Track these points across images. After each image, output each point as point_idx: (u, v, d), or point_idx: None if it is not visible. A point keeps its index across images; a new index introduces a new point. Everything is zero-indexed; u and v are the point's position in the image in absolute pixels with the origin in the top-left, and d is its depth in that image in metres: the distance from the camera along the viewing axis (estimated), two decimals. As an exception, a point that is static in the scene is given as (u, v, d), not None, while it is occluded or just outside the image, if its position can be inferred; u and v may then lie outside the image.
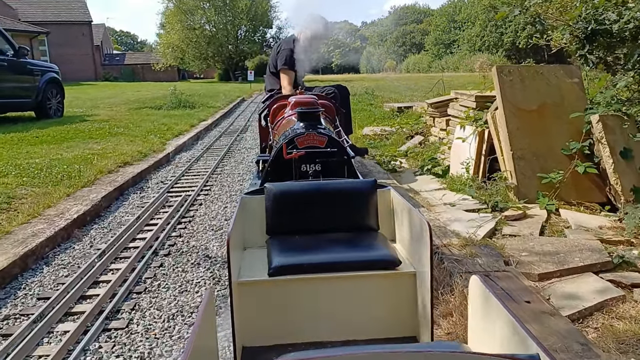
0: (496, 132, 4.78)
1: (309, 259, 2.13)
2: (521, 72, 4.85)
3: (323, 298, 2.10)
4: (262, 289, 2.08)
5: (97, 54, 43.24)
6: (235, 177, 6.99)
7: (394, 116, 9.81)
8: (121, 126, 10.81)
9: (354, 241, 2.30)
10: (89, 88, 28.95)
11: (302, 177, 3.15)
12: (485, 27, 51.78)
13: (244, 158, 8.45)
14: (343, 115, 4.94)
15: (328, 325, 2.09)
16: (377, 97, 15.79)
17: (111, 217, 5.20)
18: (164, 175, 7.16)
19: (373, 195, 2.43)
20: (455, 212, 4.37)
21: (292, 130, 3.34)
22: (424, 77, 38.92)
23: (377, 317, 2.12)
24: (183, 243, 4.45)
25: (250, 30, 42.65)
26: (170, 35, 39.29)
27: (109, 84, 36.12)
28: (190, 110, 14.94)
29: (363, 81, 33.68)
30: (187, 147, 9.58)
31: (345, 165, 3.27)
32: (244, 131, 11.88)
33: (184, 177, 6.98)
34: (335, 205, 2.41)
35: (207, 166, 7.73)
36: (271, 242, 2.31)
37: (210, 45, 39.93)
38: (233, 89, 27.24)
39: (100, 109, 15.44)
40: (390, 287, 2.12)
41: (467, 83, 21.42)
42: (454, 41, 58.32)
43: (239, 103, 19.22)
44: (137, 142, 8.76)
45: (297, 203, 2.43)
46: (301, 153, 3.12)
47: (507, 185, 4.57)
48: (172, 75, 42.07)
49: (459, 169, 5.27)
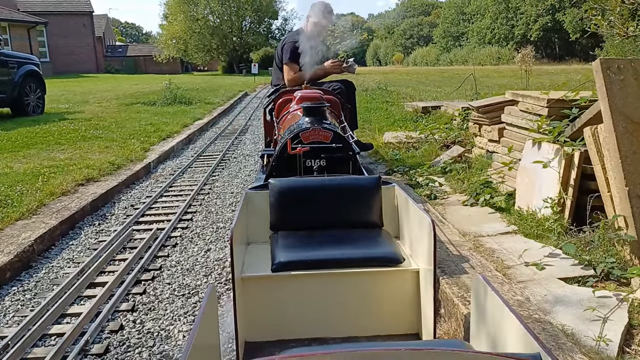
0: (599, 156, 3.22)
1: (313, 255, 2.09)
2: (637, 69, 3.27)
3: (326, 294, 2.05)
4: (266, 285, 2.05)
5: (99, 46, 41.70)
6: (226, 199, 5.43)
7: (419, 118, 8.21)
8: (102, 127, 9.26)
9: (357, 237, 2.27)
10: (87, 81, 27.37)
11: (306, 172, 3.08)
12: (495, 19, 49.82)
13: (241, 169, 6.89)
14: (348, 111, 4.79)
15: (331, 321, 2.06)
16: (392, 92, 14.15)
17: (45, 271, 3.65)
18: (137, 195, 5.61)
19: (377, 192, 2.40)
20: (550, 284, 2.81)
21: (297, 125, 3.25)
22: (433, 70, 37.15)
23: (379, 313, 2.08)
24: (134, 327, 2.89)
25: (255, 22, 40.88)
26: (172, 26, 37.60)
27: (109, 76, 34.52)
28: (185, 106, 13.36)
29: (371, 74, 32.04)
30: (174, 153, 8.02)
31: (350, 161, 3.16)
32: (244, 132, 10.30)
33: (161, 199, 5.42)
34: (339, 202, 2.38)
35: (193, 181, 6.17)
36: (275, 238, 2.28)
37: (214, 36, 38.22)
38: (236, 82, 25.62)
39: (89, 104, 13.89)
40: (393, 284, 2.08)
41: (496, 75, 19.42)
42: (462, 34, 56.39)
43: (240, 99, 17.61)
44: (112, 149, 7.20)
45: (301, 199, 2.38)
46: (305, 148, 3.01)
47: (620, 239, 3.01)
48: (175, 67, 40.47)
49: (533, 203, 3.71)
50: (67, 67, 36.54)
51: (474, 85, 9.03)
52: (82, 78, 30.96)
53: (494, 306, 1.37)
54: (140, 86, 21.59)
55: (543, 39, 48.23)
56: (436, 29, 61.15)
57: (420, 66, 53.45)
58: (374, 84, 16.01)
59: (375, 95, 13.56)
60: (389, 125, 8.60)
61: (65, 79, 28.23)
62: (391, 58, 64.23)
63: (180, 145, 8.51)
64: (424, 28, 66.09)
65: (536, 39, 47.28)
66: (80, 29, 38.83)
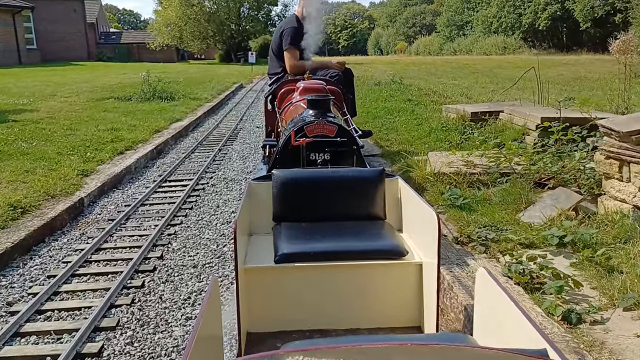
0: None
1: (315, 247, 2.04)
2: None
3: (328, 286, 2.02)
4: (268, 276, 2.01)
5: (91, 32, 38.98)
6: (185, 286, 3.09)
7: (467, 129, 5.84)
8: (43, 134, 6.87)
9: (360, 230, 2.21)
10: (72, 70, 24.82)
11: (310, 165, 2.97)
12: (502, 7, 47.06)
13: (219, 207, 4.54)
14: (349, 100, 4.48)
15: (333, 313, 2.02)
16: (410, 87, 11.74)
17: None
18: (30, 276, 3.25)
19: (380, 185, 2.34)
20: None
21: (301, 118, 3.13)
22: (440, 60, 34.53)
23: (382, 306, 2.04)
24: None
25: (253, 8, 38.03)
26: (167, 11, 34.83)
27: (99, 64, 31.83)
28: (166, 103, 10.92)
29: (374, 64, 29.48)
30: (129, 177, 5.65)
31: (354, 155, 3.06)
32: (232, 139, 7.90)
33: (76, 278, 3.08)
34: (342, 194, 2.32)
35: (140, 236, 3.84)
36: (278, 229, 2.23)
37: (211, 23, 35.42)
38: (231, 72, 23.08)
39: (55, 99, 11.46)
40: (396, 277, 2.04)
41: (508, 66, 16.40)
42: (467, 22, 53.62)
43: (234, 92, 15.11)
44: (33, 175, 4.83)
45: (305, 190, 2.34)
46: (309, 140, 2.91)
47: None
48: (170, 55, 37.74)
49: None
50: (57, 55, 33.94)
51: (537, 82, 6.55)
52: (70, 66, 28.34)
53: (498, 300, 1.30)
54: (127, 76, 19.14)
55: (550, 28, 45.65)
56: (440, 18, 58.34)
57: (423, 55, 50.79)
58: (387, 76, 13.55)
59: (392, 90, 11.12)
60: (423, 137, 6.23)
61: (50, 68, 25.72)
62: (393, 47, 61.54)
63: (142, 162, 6.14)
64: (426, 16, 63.16)
65: (544, 28, 44.66)
66: (70, 14, 36.11)
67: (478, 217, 3.53)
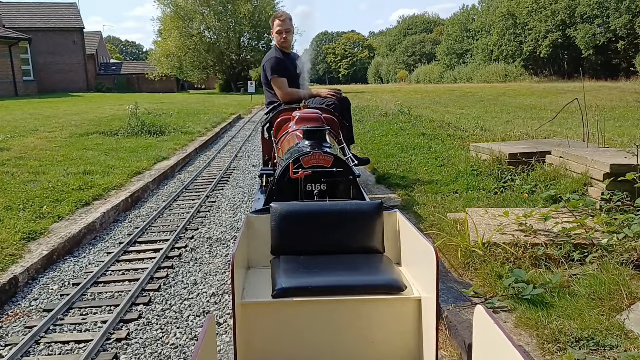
0: None
1: (314, 281, 1.99)
2: None
3: (327, 321, 1.97)
4: (266, 311, 1.96)
5: (91, 63, 38.37)
6: None
7: (506, 174, 4.75)
8: (1, 181, 5.79)
9: (359, 264, 2.17)
10: (68, 102, 23.92)
11: (307, 196, 2.91)
12: (503, 35, 46.59)
13: (198, 285, 3.40)
14: (346, 128, 4.42)
15: (331, 348, 1.97)
16: (421, 118, 10.69)
17: None
18: None
19: (379, 218, 2.30)
20: None
21: (297, 149, 3.08)
22: (442, 88, 33.72)
23: (381, 341, 1.99)
24: None
25: (254, 38, 37.49)
26: (166, 42, 34.22)
27: (98, 95, 31.01)
28: (155, 138, 9.87)
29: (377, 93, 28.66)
30: (91, 237, 4.52)
31: (352, 185, 2.97)
32: (224, 182, 6.80)
33: None
34: (341, 227, 2.29)
35: (82, 337, 2.69)
36: (276, 263, 2.18)
37: (210, 53, 34.77)
38: (230, 102, 22.18)
39: (36, 134, 10.43)
40: (395, 312, 1.98)
41: (513, 94, 14.61)
42: (467, 51, 53.18)
43: (231, 124, 14.10)
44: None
45: (303, 223, 2.29)
46: (307, 173, 2.83)
47: None
48: (170, 85, 37.07)
49: None
50: (56, 86, 33.24)
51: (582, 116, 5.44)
52: (68, 98, 27.50)
53: (496, 339, 1.30)
54: (123, 107, 18.19)
55: (551, 56, 45.09)
56: (439, 46, 58.01)
57: (424, 84, 50.19)
58: (394, 106, 12.52)
59: (401, 123, 10.06)
60: (449, 182, 5.12)
61: (46, 100, 24.89)
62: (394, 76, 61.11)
63: (111, 216, 5.02)
64: (426, 45, 62.88)
65: (545, 56, 44.08)
66: (70, 45, 35.52)
67: (561, 318, 2.39)
